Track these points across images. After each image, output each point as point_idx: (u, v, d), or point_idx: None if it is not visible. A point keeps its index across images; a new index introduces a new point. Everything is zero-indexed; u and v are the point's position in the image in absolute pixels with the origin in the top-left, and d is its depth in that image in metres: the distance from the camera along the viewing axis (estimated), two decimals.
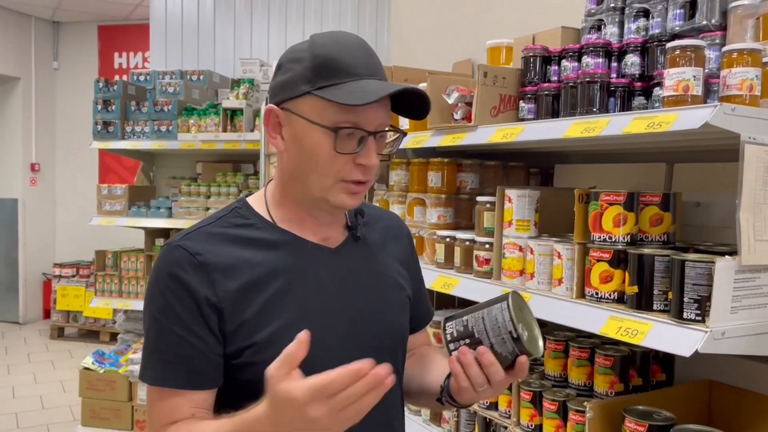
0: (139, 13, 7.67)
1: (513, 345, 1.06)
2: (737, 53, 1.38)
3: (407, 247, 1.36)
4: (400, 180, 2.44)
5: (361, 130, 1.07)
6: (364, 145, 1.08)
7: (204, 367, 1.08)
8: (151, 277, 1.12)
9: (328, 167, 1.08)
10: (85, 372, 4.26)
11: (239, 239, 1.13)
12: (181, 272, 1.07)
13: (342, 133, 1.07)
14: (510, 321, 1.05)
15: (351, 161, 1.08)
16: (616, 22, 1.85)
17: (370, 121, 1.07)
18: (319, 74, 1.07)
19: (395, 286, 1.26)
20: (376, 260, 1.25)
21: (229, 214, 1.18)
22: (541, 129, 1.75)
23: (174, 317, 1.07)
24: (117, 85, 4.56)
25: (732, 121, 1.29)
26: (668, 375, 1.80)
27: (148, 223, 4.45)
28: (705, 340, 1.27)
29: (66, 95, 8.38)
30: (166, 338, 1.08)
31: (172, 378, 1.07)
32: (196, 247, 1.10)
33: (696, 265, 1.34)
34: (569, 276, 1.65)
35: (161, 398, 1.08)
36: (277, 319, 1.09)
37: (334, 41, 1.10)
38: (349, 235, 1.23)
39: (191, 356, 1.07)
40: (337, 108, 1.05)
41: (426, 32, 3.35)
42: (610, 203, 1.55)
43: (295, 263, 1.14)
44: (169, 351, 1.07)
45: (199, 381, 1.08)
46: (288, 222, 1.17)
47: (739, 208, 1.31)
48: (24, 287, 7.95)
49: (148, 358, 1.10)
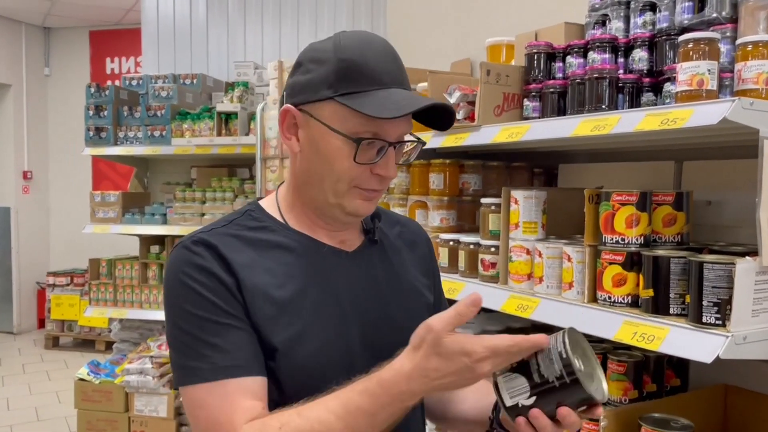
0: (130, 17, 7.60)
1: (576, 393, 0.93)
2: (752, 46, 1.34)
3: (427, 253, 1.32)
4: (401, 182, 2.38)
5: (382, 140, 1.05)
6: (384, 155, 1.05)
7: (257, 350, 1.01)
8: (168, 277, 1.05)
9: (345, 175, 1.06)
10: (81, 383, 4.18)
11: (253, 242, 1.08)
12: (203, 261, 1.02)
13: (363, 143, 1.03)
14: (566, 355, 0.92)
15: (368, 170, 1.06)
16: (621, 17, 1.80)
17: (391, 132, 1.05)
18: (343, 80, 1.02)
19: (413, 292, 1.22)
20: (394, 265, 1.21)
21: (242, 217, 1.13)
22: (549, 127, 1.70)
23: (211, 305, 1.00)
24: (109, 90, 4.49)
25: (751, 116, 1.24)
26: (683, 380, 1.75)
27: (143, 230, 4.38)
28: (726, 345, 1.22)
29: (58, 101, 8.30)
30: (211, 329, 0.99)
31: (234, 366, 0.98)
32: (213, 241, 1.05)
33: (715, 266, 1.29)
34: (580, 279, 1.59)
35: (221, 394, 0.97)
36: (294, 325, 1.03)
37: (360, 45, 1.04)
38: (365, 238, 1.19)
39: (243, 339, 1.00)
40: (360, 118, 1.02)
41: (423, 32, 3.30)
42: (622, 203, 1.50)
43: (311, 267, 1.09)
44: (219, 341, 0.99)
45: (259, 366, 1.01)
46: (302, 225, 1.13)
47: (759, 207, 1.25)
48: (18, 297, 7.85)
49: (196, 356, 0.99)
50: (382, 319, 1.13)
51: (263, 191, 3.68)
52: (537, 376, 0.93)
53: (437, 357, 0.89)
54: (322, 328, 1.06)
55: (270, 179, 3.60)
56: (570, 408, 0.92)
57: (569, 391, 0.92)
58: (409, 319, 1.16)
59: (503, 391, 0.96)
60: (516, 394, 0.95)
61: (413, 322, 1.18)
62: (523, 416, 0.94)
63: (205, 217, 4.23)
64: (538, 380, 0.93)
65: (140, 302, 4.42)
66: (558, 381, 0.92)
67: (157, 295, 4.39)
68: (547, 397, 0.93)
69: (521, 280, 1.79)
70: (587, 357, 0.98)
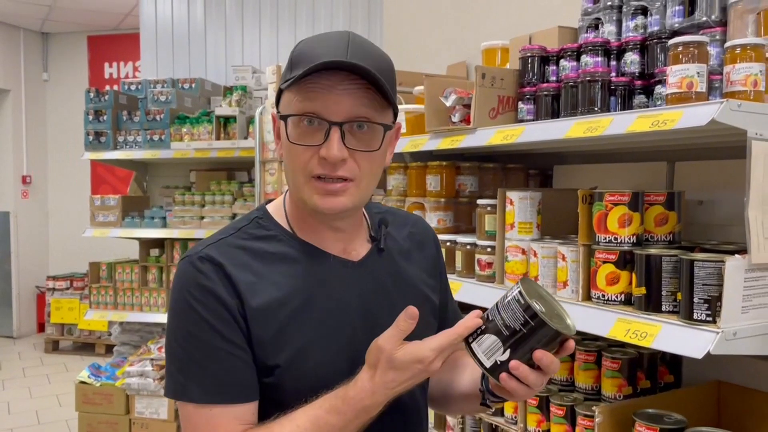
0: (128, 22, 7.62)
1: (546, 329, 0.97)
2: (740, 48, 1.36)
3: (434, 252, 1.32)
4: (398, 185, 2.41)
5: (321, 118, 1.01)
6: (328, 136, 1.01)
7: (250, 377, 1.04)
8: (175, 291, 1.07)
9: (295, 161, 1.04)
10: (81, 386, 4.20)
11: (260, 254, 1.09)
12: (208, 282, 1.03)
13: (294, 120, 1.02)
14: (523, 302, 0.97)
15: (316, 155, 1.02)
16: (613, 21, 1.83)
17: (332, 110, 1.01)
18: (290, 69, 1.05)
19: (420, 298, 1.21)
20: (401, 272, 1.20)
21: (250, 225, 1.13)
22: (542, 129, 1.73)
23: (209, 330, 1.02)
24: (108, 95, 4.52)
25: (739, 117, 1.27)
26: (676, 377, 1.78)
27: (142, 233, 4.41)
28: (717, 341, 1.24)
29: (57, 106, 8.32)
30: (208, 353, 1.02)
31: (221, 393, 1.02)
32: (220, 258, 1.05)
33: (705, 264, 1.32)
34: (574, 278, 1.62)
35: (207, 417, 1.02)
36: (300, 338, 1.05)
37: (313, 37, 1.07)
38: (372, 246, 1.18)
39: (236, 367, 1.02)
40: (299, 97, 1.02)
41: (419, 35, 3.33)
42: (614, 203, 1.53)
43: (317, 278, 1.10)
44: (213, 366, 1.02)
45: (246, 393, 1.04)
46: (307, 232, 1.13)
47: (747, 206, 1.28)
48: (17, 301, 7.86)
49: (187, 374, 1.03)
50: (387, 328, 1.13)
51: (262, 194, 3.71)
52: (505, 330, 0.98)
53: (393, 371, 0.98)
54: (328, 340, 1.07)
55: (269, 182, 3.62)
56: (544, 349, 0.98)
57: (538, 333, 0.97)
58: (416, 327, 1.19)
59: (479, 354, 1.01)
60: (491, 353, 1.00)
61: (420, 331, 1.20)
62: (505, 371, 0.99)
63: (204, 221, 4.25)
64: (507, 333, 0.98)
65: (140, 305, 4.45)
66: (525, 327, 0.97)
67: (157, 298, 4.41)
68: (521, 347, 0.98)
69: (517, 279, 1.81)
70: (546, 300, 1.03)
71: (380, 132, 1.05)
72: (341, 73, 1.00)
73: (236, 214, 4.21)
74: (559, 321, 1.00)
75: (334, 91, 1.00)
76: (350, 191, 1.05)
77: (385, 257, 1.18)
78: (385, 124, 1.06)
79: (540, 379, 1.00)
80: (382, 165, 1.11)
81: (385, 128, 1.06)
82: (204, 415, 1.02)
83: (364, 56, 1.01)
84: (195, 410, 1.02)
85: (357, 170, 1.04)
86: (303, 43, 1.07)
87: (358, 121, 1.02)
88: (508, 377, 0.98)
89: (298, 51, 1.05)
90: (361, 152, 1.04)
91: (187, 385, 1.03)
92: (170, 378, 1.06)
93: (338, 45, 1.01)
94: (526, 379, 0.98)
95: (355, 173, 1.04)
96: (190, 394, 1.02)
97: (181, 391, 1.03)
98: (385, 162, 1.12)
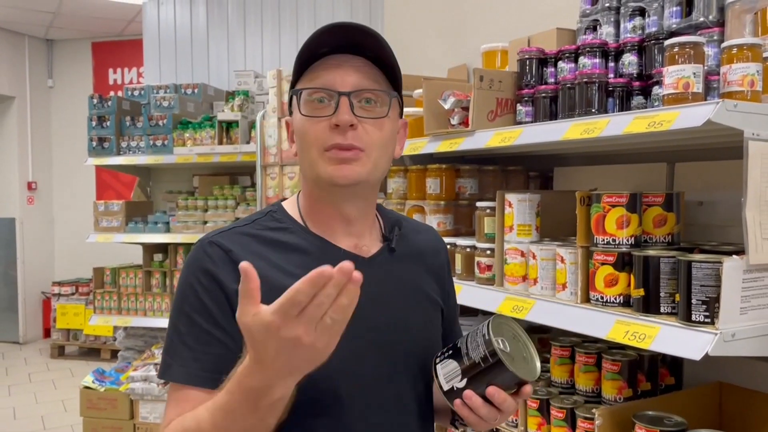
0: (132, 28, 7.66)
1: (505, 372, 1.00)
2: (737, 49, 1.36)
3: (443, 262, 1.32)
4: (398, 187, 2.41)
5: (329, 90, 1.06)
6: (338, 105, 1.05)
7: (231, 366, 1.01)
8: (182, 272, 1.10)
9: (308, 135, 1.08)
10: (86, 391, 4.21)
11: (272, 242, 1.12)
12: (212, 267, 1.06)
13: (305, 97, 1.07)
14: (488, 339, 1.01)
15: (329, 127, 1.06)
16: (611, 22, 1.83)
17: (339, 82, 1.06)
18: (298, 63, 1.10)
19: (428, 301, 1.22)
20: (410, 274, 1.21)
21: (264, 218, 1.16)
22: (540, 131, 1.73)
23: (205, 313, 1.04)
24: (111, 100, 4.54)
25: (735, 117, 1.26)
26: (677, 379, 1.77)
27: (146, 238, 4.42)
28: (715, 342, 1.24)
29: (61, 113, 8.36)
30: (197, 336, 1.04)
31: (200, 377, 1.03)
32: (228, 244, 1.08)
33: (703, 265, 1.31)
34: (573, 280, 1.62)
35: (185, 398, 1.03)
36: None
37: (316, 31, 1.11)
38: (384, 245, 1.19)
39: (221, 356, 1.03)
40: (309, 77, 1.08)
41: (420, 39, 3.33)
42: (612, 205, 1.53)
43: None
44: (199, 349, 1.04)
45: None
46: (320, 226, 1.15)
47: (745, 206, 1.28)
48: (23, 306, 7.90)
49: (175, 354, 1.05)
50: (394, 326, 1.14)
51: (263, 198, 3.72)
52: (466, 359, 1.02)
53: (255, 348, 0.84)
54: None
55: (270, 186, 3.63)
56: (498, 387, 1.00)
57: (495, 371, 1.00)
58: (421, 328, 1.18)
59: (440, 376, 1.05)
60: (450, 378, 1.04)
61: (425, 332, 1.19)
62: (460, 399, 1.03)
63: (207, 225, 4.26)
64: (467, 363, 1.02)
65: (144, 310, 4.46)
66: (483, 362, 1.00)
67: (160, 303, 4.42)
68: (477, 379, 1.01)
69: (516, 281, 1.81)
70: (517, 341, 1.06)
71: (386, 100, 1.10)
72: (347, 55, 1.08)
73: (239, 218, 4.21)
74: (522, 364, 1.03)
75: (342, 67, 1.07)
76: (362, 160, 1.07)
77: (395, 257, 1.19)
78: (390, 92, 1.10)
79: (492, 413, 1.02)
80: (392, 141, 1.14)
81: (390, 96, 1.10)
82: (180, 397, 1.04)
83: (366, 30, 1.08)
84: (175, 390, 1.05)
85: (368, 138, 1.07)
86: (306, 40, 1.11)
87: (366, 91, 1.07)
88: (462, 405, 1.03)
89: (301, 47, 1.09)
90: (370, 120, 1.08)
91: (172, 364, 1.05)
92: (162, 356, 1.09)
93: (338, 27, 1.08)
94: (478, 410, 1.01)
95: (366, 142, 1.07)
96: (171, 374, 1.05)
97: (165, 369, 1.06)
98: (394, 142, 1.15)
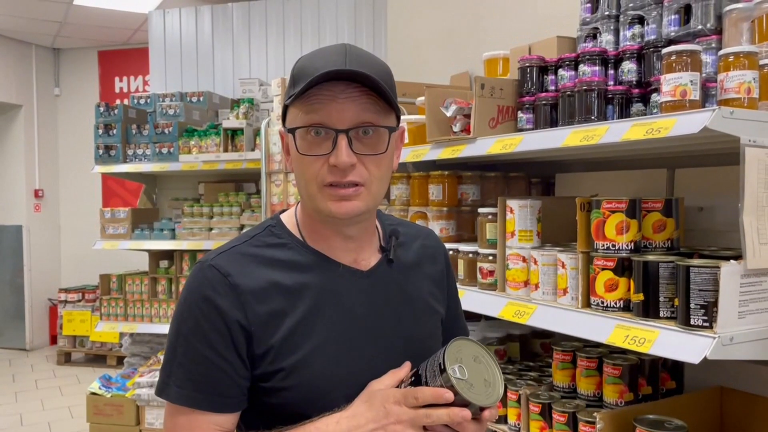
0: (138, 37, 7.73)
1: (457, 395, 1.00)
2: (734, 56, 1.38)
3: (443, 266, 1.33)
4: (401, 194, 2.43)
5: (326, 128, 1.03)
6: (336, 144, 1.03)
7: (229, 390, 1.06)
8: (182, 295, 1.11)
9: (306, 172, 1.06)
10: (92, 397, 4.24)
11: (271, 261, 1.11)
12: (212, 293, 1.06)
13: (301, 133, 1.05)
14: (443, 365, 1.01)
15: (326, 164, 1.04)
16: (611, 30, 1.85)
17: (336, 118, 1.03)
18: (292, 85, 1.07)
19: (428, 310, 1.23)
20: (410, 284, 1.21)
21: (263, 233, 1.16)
22: (540, 138, 1.75)
23: (203, 339, 1.06)
24: (117, 109, 4.59)
25: (731, 124, 1.28)
26: (678, 383, 1.78)
27: (152, 245, 4.46)
28: (713, 346, 1.25)
29: (68, 121, 8.42)
30: (194, 358, 1.06)
31: (196, 399, 1.05)
32: (228, 267, 1.08)
33: (701, 270, 1.33)
34: (574, 285, 1.64)
35: (183, 417, 1.06)
36: (306, 344, 1.08)
37: (312, 52, 1.10)
38: (382, 257, 1.20)
39: (217, 379, 1.05)
40: (304, 110, 1.04)
41: (422, 46, 3.36)
42: (612, 211, 1.54)
43: (326, 286, 1.12)
44: (195, 371, 1.06)
45: (223, 404, 1.07)
46: (318, 242, 1.15)
47: (742, 212, 1.30)
48: (30, 313, 7.93)
49: (171, 374, 1.07)
50: (395, 338, 1.15)
51: (268, 205, 3.75)
52: (424, 385, 1.02)
53: (363, 403, 1.03)
54: (333, 347, 1.09)
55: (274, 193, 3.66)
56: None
57: (453, 401, 0.99)
58: (421, 339, 1.20)
59: None
60: None
61: (426, 342, 1.21)
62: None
63: (212, 232, 4.30)
64: None
65: (150, 316, 4.49)
66: None
67: (166, 310, 4.45)
68: (437, 405, 1.00)
69: (518, 287, 1.83)
70: (478, 362, 1.04)
71: (385, 135, 1.08)
72: (342, 83, 1.03)
73: (244, 225, 4.25)
74: (482, 388, 1.02)
75: (337, 100, 1.03)
76: (362, 195, 1.07)
77: (394, 268, 1.20)
78: (389, 127, 1.08)
79: None
80: (390, 168, 1.13)
81: (390, 131, 1.08)
82: (179, 415, 1.06)
83: (361, 64, 1.04)
84: (177, 411, 1.07)
85: (367, 174, 1.06)
86: (302, 59, 1.10)
87: (363, 127, 1.05)
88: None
89: (298, 67, 1.08)
90: (369, 156, 1.06)
91: (170, 384, 1.07)
92: (161, 372, 1.11)
93: (336, 56, 1.04)
94: None
95: (365, 177, 1.06)
96: (172, 394, 1.07)
97: (162, 388, 1.08)
98: (392, 166, 1.15)
